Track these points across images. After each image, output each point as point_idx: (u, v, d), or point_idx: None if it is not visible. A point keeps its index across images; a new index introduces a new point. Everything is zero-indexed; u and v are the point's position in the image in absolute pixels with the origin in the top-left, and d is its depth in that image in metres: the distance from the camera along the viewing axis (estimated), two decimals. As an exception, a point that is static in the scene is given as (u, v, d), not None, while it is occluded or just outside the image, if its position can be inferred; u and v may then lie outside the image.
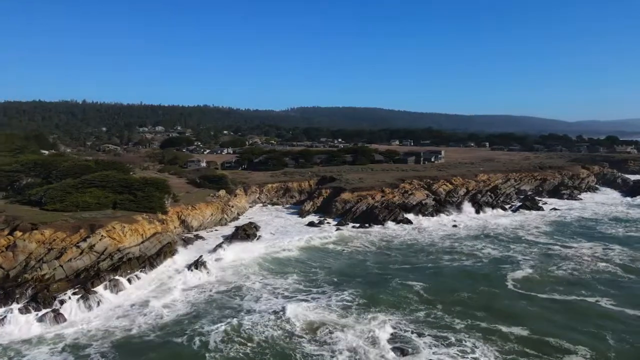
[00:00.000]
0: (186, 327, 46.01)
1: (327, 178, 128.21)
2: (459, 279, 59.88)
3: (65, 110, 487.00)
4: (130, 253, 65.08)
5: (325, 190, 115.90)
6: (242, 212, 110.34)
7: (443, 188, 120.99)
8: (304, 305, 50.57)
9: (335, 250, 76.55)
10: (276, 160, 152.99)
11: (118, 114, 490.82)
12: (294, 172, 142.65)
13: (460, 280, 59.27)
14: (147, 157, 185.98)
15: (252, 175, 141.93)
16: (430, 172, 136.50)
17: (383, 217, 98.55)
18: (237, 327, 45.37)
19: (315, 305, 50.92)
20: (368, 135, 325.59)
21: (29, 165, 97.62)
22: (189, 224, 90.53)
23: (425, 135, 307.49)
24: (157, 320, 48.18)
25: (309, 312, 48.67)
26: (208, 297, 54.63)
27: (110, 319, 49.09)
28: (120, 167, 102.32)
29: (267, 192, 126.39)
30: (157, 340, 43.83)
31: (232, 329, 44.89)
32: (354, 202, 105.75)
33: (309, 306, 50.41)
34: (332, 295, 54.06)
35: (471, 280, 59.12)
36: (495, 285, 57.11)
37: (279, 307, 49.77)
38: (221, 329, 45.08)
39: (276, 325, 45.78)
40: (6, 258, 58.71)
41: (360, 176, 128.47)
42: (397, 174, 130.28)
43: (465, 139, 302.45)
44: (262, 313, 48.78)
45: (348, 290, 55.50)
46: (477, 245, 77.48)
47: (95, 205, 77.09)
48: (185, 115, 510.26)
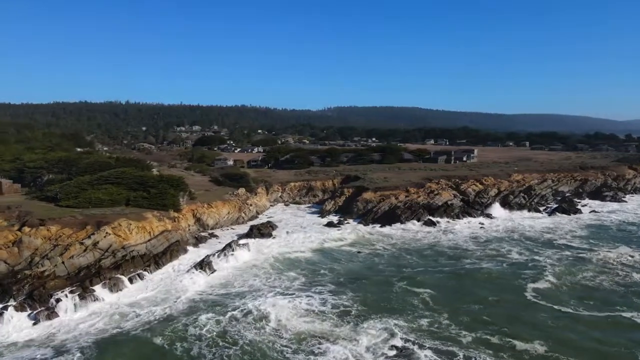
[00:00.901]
0: (174, 329, 43.82)
1: (352, 177, 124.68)
2: (473, 286, 55.20)
3: (109, 110, 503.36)
4: (136, 251, 63.90)
5: (348, 189, 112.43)
6: (262, 211, 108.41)
7: (472, 188, 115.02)
8: (297, 310, 47.59)
9: (350, 252, 73.06)
10: (302, 158, 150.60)
11: (158, 114, 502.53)
12: (318, 170, 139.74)
13: (474, 287, 54.59)
14: (177, 156, 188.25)
15: (277, 173, 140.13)
16: (460, 171, 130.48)
17: (405, 218, 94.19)
18: (222, 333, 42.93)
19: (310, 309, 47.81)
20: (402, 134, 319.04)
21: (53, 162, 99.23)
22: (205, 222, 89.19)
23: (461, 134, 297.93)
24: (148, 320, 46.29)
25: (301, 318, 45.58)
26: (205, 299, 52.46)
27: (103, 318, 47.58)
28: (139, 164, 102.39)
29: (290, 191, 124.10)
30: (141, 340, 41.94)
31: (218, 334, 42.45)
32: (376, 202, 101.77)
33: (302, 311, 47.33)
34: (332, 300, 50.72)
35: (487, 287, 54.34)
36: (512, 294, 52.09)
37: (269, 311, 46.93)
38: (209, 334, 42.70)
39: (263, 330, 43.07)
40: (11, 253, 58.68)
41: (386, 175, 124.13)
42: (424, 174, 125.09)
43: (503, 139, 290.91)
44: (252, 316, 46.17)
45: (350, 294, 52.17)
46: (501, 249, 72.16)
47: (108, 202, 76.65)
48: (222, 115, 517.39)
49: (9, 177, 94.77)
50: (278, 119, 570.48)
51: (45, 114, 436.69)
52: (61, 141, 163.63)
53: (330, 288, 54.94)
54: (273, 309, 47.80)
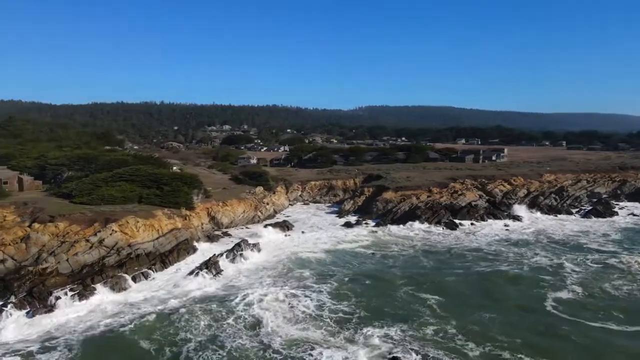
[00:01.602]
0: (165, 332, 42.11)
1: (374, 176, 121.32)
2: (487, 292, 51.20)
3: (144, 110, 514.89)
4: (142, 249, 62.92)
5: (368, 189, 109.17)
6: (280, 210, 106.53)
7: (499, 188, 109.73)
8: (294, 314, 45.17)
9: (363, 254, 70.02)
10: (325, 157, 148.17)
11: (190, 114, 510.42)
12: (341, 169, 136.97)
13: (488, 294, 50.61)
14: (203, 154, 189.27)
15: (299, 172, 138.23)
16: (488, 171, 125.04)
17: (426, 219, 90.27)
18: (212, 337, 40.96)
19: (307, 313, 45.20)
20: (433, 133, 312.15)
21: (74, 159, 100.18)
22: (219, 221, 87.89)
23: (494, 133, 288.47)
24: (142, 321, 44.72)
25: (295, 325, 43.04)
26: (203, 301, 50.42)
27: (98, 317, 46.30)
28: (156, 161, 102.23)
29: (310, 190, 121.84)
30: (129, 342, 40.45)
31: (208, 339, 40.53)
32: (396, 202, 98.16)
33: (299, 315, 44.79)
34: (332, 304, 47.98)
35: (501, 295, 50.29)
36: (530, 303, 47.83)
37: (263, 316, 44.76)
38: (199, 337, 40.80)
39: (255, 335, 40.87)
40: (19, 249, 58.56)
41: (409, 174, 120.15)
42: (449, 173, 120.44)
43: (539, 138, 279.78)
44: (246, 321, 44.09)
45: (354, 299, 49.24)
46: (524, 253, 67.54)
47: (121, 199, 76.22)
48: (252, 115, 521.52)
49: (31, 174, 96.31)
50: (309, 118, 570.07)
51: (84, 114, 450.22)
52: (90, 140, 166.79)
53: (334, 291, 52.19)
54: (268, 313, 45.53)
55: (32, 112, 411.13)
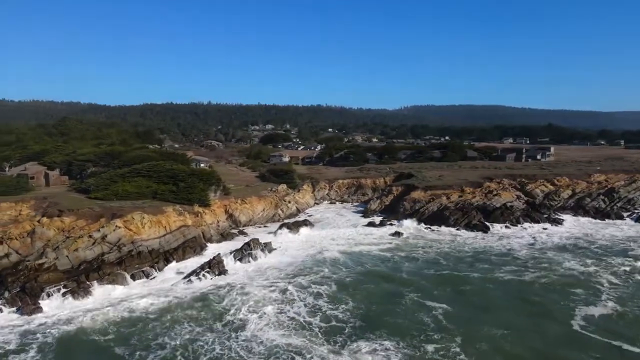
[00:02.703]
0: (142, 337, 39.42)
1: (405, 175, 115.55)
2: (504, 303, 45.42)
3: (191, 110, 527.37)
4: (146, 246, 61.06)
5: (396, 187, 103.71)
6: (304, 209, 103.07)
7: (541, 189, 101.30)
8: (279, 319, 41.30)
9: (379, 256, 65.33)
10: (357, 155, 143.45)
11: (235, 114, 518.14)
12: (372, 168, 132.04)
13: (506, 306, 44.79)
14: (237, 152, 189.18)
15: (329, 170, 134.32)
16: (530, 170, 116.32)
17: (454, 220, 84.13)
18: (190, 341, 37.95)
19: (297, 320, 41.28)
20: (478, 132, 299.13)
21: (101, 155, 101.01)
22: (237, 219, 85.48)
23: (543, 132, 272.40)
24: (124, 323, 42.41)
25: (281, 331, 39.25)
26: (194, 302, 47.56)
27: (84, 315, 44.37)
28: (180, 158, 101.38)
29: (338, 189, 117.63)
30: (103, 345, 38.12)
31: (184, 344, 37.54)
32: (424, 201, 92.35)
33: (286, 320, 40.97)
34: (329, 309, 43.80)
35: (521, 307, 44.34)
36: (554, 320, 41.62)
37: (249, 319, 41.43)
38: (174, 342, 37.85)
39: (234, 342, 37.44)
40: (24, 244, 58.05)
41: (442, 173, 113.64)
42: (486, 172, 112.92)
43: (594, 136, 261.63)
44: (229, 325, 40.79)
45: (351, 304, 44.97)
46: (558, 260, 60.54)
47: (135, 195, 75.24)
48: (296, 115, 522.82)
49: (60, 169, 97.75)
50: (352, 118, 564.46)
51: (135, 114, 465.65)
52: (129, 138, 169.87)
53: (335, 295, 48.19)
54: (256, 318, 42.13)
55: (88, 113, 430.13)
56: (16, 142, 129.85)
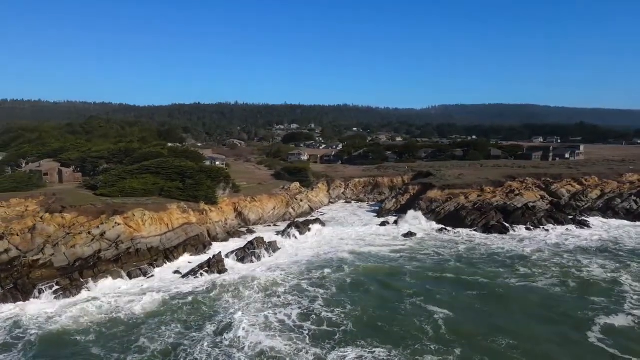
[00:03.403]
0: (124, 341, 37.61)
1: (424, 173, 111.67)
2: (513, 310, 41.69)
3: (217, 110, 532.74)
4: (145, 243, 59.79)
5: (413, 187, 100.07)
6: (317, 208, 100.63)
7: (567, 189, 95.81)
8: (267, 323, 38.87)
9: (389, 257, 62.26)
10: (376, 154, 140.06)
11: (261, 113, 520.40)
12: (391, 166, 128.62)
13: (514, 313, 41.09)
14: (257, 150, 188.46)
15: (346, 169, 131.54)
16: (556, 169, 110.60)
17: (471, 221, 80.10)
18: (174, 346, 36.05)
19: (285, 325, 38.80)
20: (507, 131, 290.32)
21: (114, 152, 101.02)
22: (246, 217, 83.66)
23: (575, 131, 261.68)
24: (109, 324, 40.79)
25: (268, 334, 36.90)
26: (182, 304, 45.56)
27: (70, 314, 43.08)
28: (192, 155, 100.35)
29: (354, 188, 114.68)
30: (82, 347, 36.54)
31: (166, 348, 35.64)
32: (441, 201, 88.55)
33: (275, 326, 38.58)
34: (325, 312, 41.17)
35: (532, 316, 40.51)
36: (569, 330, 37.65)
37: (236, 322, 39.10)
38: (155, 345, 35.96)
39: (217, 346, 35.22)
40: (24, 240, 57.57)
41: (462, 172, 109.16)
42: (508, 171, 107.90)
43: (630, 135, 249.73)
44: (213, 329, 38.65)
45: (349, 307, 42.25)
46: (581, 265, 56.06)
47: (141, 192, 74.34)
48: (322, 114, 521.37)
49: (75, 166, 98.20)
50: (378, 117, 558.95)
51: (164, 114, 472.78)
52: (149, 136, 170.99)
53: (331, 298, 45.59)
54: (246, 319, 39.84)
55: (119, 113, 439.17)
56: (37, 139, 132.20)
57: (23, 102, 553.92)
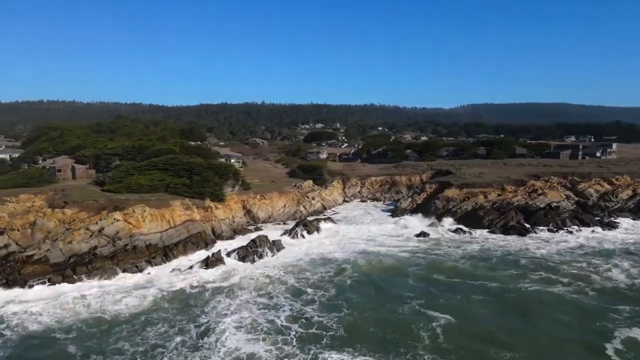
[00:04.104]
0: (102, 341, 35.92)
1: (443, 172, 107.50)
2: (523, 319, 37.96)
3: (244, 110, 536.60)
4: (144, 240, 58.35)
5: (430, 185, 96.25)
6: (331, 206, 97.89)
7: (595, 188, 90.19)
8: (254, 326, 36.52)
9: (397, 258, 59.19)
10: (396, 152, 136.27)
11: (286, 113, 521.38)
12: (410, 165, 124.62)
13: (524, 321, 37.34)
14: (278, 149, 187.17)
15: (365, 167, 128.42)
16: (584, 168, 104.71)
17: (489, 221, 75.91)
18: (150, 347, 34.19)
19: (271, 327, 36.28)
20: (537, 130, 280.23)
21: (127, 149, 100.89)
22: (255, 215, 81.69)
23: (610, 130, 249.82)
24: (90, 323, 39.27)
25: (251, 337, 34.51)
26: (168, 304, 43.77)
27: (54, 310, 41.84)
28: (203, 152, 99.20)
29: (370, 186, 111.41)
30: (59, 346, 34.99)
31: (144, 350, 33.73)
32: (459, 200, 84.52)
33: (260, 328, 36.14)
34: (315, 315, 38.50)
35: (543, 325, 36.72)
36: (584, 343, 33.82)
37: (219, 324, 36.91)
38: (134, 348, 34.27)
39: (194, 347, 33.08)
40: (24, 235, 56.97)
41: (483, 171, 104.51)
42: (533, 170, 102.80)
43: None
44: (195, 331, 36.52)
45: (345, 310, 39.53)
46: (604, 269, 51.51)
47: (147, 188, 73.39)
48: (347, 114, 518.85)
49: (89, 163, 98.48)
50: (405, 117, 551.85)
51: (191, 114, 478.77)
52: (169, 134, 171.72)
53: (327, 300, 42.98)
54: (230, 321, 37.64)
55: (148, 113, 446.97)
56: (59, 137, 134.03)
57: (58, 102, 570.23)
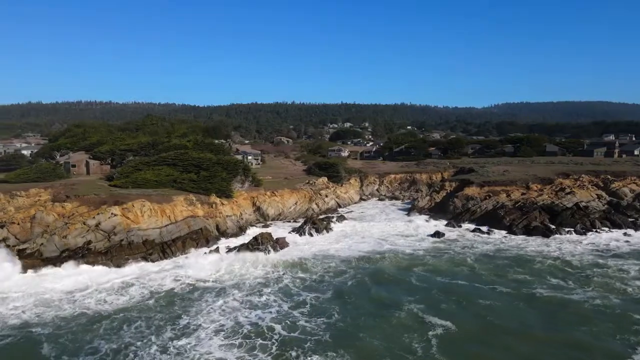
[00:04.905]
0: (77, 338, 34.11)
1: (466, 170, 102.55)
2: (530, 330, 33.78)
3: (273, 110, 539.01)
4: (141, 235, 56.66)
5: (449, 183, 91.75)
6: (346, 204, 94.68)
7: (630, 188, 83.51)
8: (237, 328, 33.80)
9: (406, 259, 55.52)
10: (418, 150, 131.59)
11: (315, 112, 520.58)
12: (432, 162, 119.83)
13: (530, 333, 33.23)
14: (300, 147, 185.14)
15: (385, 165, 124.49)
16: (620, 166, 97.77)
17: (510, 221, 71.01)
18: (122, 347, 31.89)
19: (251, 330, 33.47)
20: (573, 129, 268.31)
21: (142, 145, 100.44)
22: (265, 212, 79.29)
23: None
24: (68, 321, 37.45)
25: (226, 340, 31.79)
26: (163, 300, 41.77)
27: (39, 305, 40.40)
28: (216, 147, 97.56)
29: (388, 184, 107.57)
30: (32, 342, 33.28)
31: (118, 348, 31.58)
32: (479, 199, 79.83)
33: (238, 331, 33.43)
34: (301, 318, 35.50)
35: (558, 335, 32.51)
36: (606, 357, 29.56)
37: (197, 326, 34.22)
38: (110, 345, 32.24)
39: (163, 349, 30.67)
40: (23, 229, 56.36)
41: (507, 168, 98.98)
42: (562, 168, 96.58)
43: None
44: (175, 328, 34.01)
45: (335, 315, 36.55)
46: (634, 275, 46.49)
47: (153, 183, 72.10)
48: (376, 113, 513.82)
49: (105, 159, 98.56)
50: (436, 116, 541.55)
51: (221, 113, 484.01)
52: (191, 132, 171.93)
53: (318, 303, 39.88)
54: (210, 322, 35.06)
55: (180, 113, 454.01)
56: (82, 134, 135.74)
57: (95, 103, 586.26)
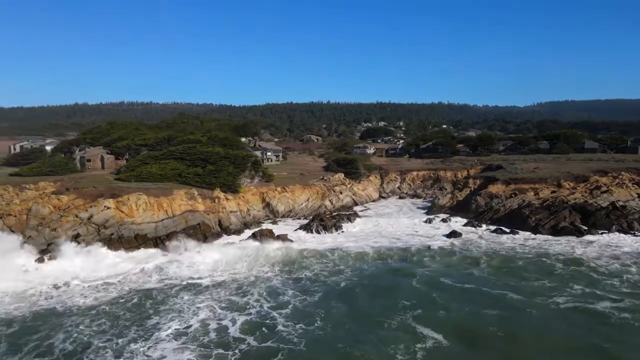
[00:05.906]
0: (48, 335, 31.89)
1: (493, 166, 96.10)
2: (541, 345, 28.74)
3: (308, 109, 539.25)
4: (134, 229, 54.52)
5: (473, 180, 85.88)
6: (363, 202, 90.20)
7: (677, 187, 75.15)
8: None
9: (411, 260, 50.81)
10: (446, 146, 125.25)
11: (350, 111, 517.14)
12: (458, 159, 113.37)
13: (540, 349, 28.20)
14: (326, 144, 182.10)
15: (409, 162, 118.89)
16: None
17: (536, 221, 64.82)
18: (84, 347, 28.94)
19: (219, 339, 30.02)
20: (620, 127, 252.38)
21: (158, 140, 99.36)
22: (274, 208, 76.02)
23: None
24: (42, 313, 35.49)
25: (185, 350, 28.35)
26: (139, 298, 38.95)
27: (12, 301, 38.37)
28: (230, 142, 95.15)
29: (411, 182, 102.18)
30: None
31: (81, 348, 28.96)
32: (504, 197, 73.90)
33: (203, 340, 29.95)
34: (280, 325, 31.74)
35: (567, 354, 27.37)
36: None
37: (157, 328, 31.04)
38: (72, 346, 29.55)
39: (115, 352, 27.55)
40: (19, 221, 55.43)
41: (539, 165, 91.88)
42: (600, 165, 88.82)
43: None
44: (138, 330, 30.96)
45: (318, 322, 32.63)
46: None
47: (158, 177, 70.21)
48: (412, 111, 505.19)
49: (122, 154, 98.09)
50: (474, 115, 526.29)
51: (256, 113, 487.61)
52: (217, 129, 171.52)
53: (303, 308, 36.20)
54: (178, 325, 31.96)
55: (216, 113, 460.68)
56: (106, 130, 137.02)
57: (137, 103, 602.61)
